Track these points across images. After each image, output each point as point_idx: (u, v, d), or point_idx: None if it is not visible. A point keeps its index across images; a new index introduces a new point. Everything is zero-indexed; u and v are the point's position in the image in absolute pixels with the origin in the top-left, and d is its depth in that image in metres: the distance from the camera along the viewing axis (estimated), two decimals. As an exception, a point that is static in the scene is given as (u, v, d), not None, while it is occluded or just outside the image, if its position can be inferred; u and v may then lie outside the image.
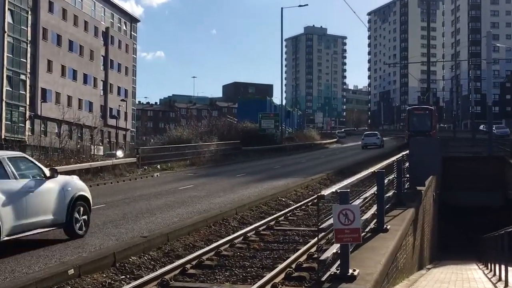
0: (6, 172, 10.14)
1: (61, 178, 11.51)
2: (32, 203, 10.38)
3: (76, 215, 11.40)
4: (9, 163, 10.33)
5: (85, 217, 11.70)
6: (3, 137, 53.58)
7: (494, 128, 49.48)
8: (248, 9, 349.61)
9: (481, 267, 19.38)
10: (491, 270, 16.02)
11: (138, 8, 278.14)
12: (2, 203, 9.68)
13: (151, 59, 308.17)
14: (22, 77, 58.80)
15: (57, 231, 11.47)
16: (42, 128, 62.96)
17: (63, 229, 11.35)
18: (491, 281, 13.79)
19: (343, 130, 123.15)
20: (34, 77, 63.01)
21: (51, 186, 10.99)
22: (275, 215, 14.96)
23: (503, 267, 12.97)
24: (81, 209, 11.59)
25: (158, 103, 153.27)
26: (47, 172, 11.10)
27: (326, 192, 6.93)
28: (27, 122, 60.05)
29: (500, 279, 13.12)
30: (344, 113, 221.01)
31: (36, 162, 11.54)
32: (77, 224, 11.43)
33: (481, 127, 75.42)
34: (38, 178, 10.86)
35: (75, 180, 12.06)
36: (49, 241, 11.20)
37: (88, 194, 11.96)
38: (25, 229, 10.26)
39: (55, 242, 11.11)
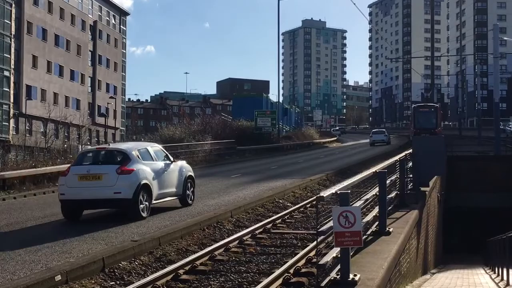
0: (151, 157, 15.32)
1: (179, 162, 16.80)
2: (166, 178, 15.50)
3: (187, 190, 16.57)
4: (152, 151, 15.63)
5: (192, 189, 16.99)
6: (-15, 136, 53.46)
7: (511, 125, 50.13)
8: (243, 2, 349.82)
9: (488, 271, 19.44)
10: (498, 275, 16.07)
11: (127, 1, 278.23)
12: (153, 177, 14.73)
13: (140, 54, 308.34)
14: (6, 73, 58.63)
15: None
16: (27, 127, 62.81)
17: (178, 199, 16.33)
18: (498, 286, 13.84)
19: (337, 127, 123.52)
20: (19, 74, 62.86)
21: (175, 167, 16.11)
22: (272, 218, 14.97)
23: (511, 271, 13.01)
24: (189, 184, 16.69)
25: (148, 101, 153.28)
26: (171, 158, 16.24)
27: (325, 193, 6.93)
28: (11, 121, 59.90)
29: (508, 284, 13.17)
30: (344, 110, 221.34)
31: (165, 151, 16.61)
32: (187, 197, 16.61)
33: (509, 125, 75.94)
34: (168, 161, 15.90)
35: (185, 164, 17.15)
36: (33, 242, 11.20)
37: (193, 174, 17.29)
38: (163, 196, 15.38)
39: (42, 246, 11.10)
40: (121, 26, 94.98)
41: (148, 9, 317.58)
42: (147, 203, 14.40)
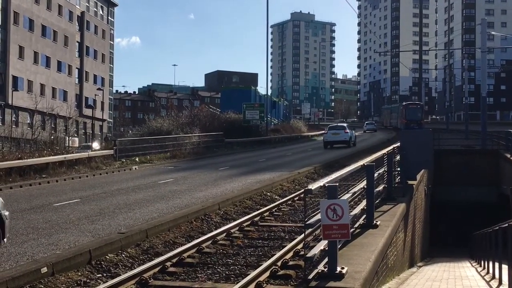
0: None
1: None
2: None
3: None
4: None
5: None
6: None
7: None
8: None
9: (474, 264, 19.57)
10: (484, 268, 16.18)
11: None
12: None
13: (125, 45, 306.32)
14: (-8, 64, 58.15)
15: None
16: (13, 118, 62.37)
17: None
18: (484, 279, 13.92)
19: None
20: (5, 64, 62.35)
21: None
22: (260, 210, 14.99)
23: (496, 264, 13.10)
24: None
25: (136, 92, 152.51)
26: None
27: (313, 186, 6.93)
28: (-3, 112, 59.45)
29: (493, 277, 13.25)
30: (333, 103, 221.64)
31: None
32: None
33: None
34: None
35: None
36: (18, 237, 11.13)
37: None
38: None
39: (28, 238, 11.03)
40: (109, 17, 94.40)
41: (133, 0, 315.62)
42: None
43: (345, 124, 65.11)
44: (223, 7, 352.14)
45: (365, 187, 10.10)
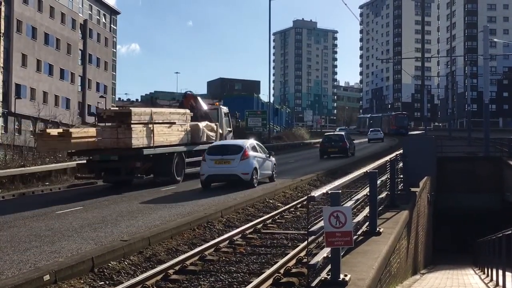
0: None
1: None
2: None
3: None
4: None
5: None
6: (-26, 135, 53.10)
7: None
8: (232, 0, 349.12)
9: (477, 272, 19.51)
10: (488, 275, 16.13)
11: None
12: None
13: (125, 53, 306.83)
14: (-5, 72, 58.28)
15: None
16: (16, 126, 62.46)
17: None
18: (488, 286, 13.89)
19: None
20: (8, 72, 62.49)
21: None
22: (262, 218, 14.96)
23: (500, 272, 13.07)
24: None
25: (139, 100, 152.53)
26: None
27: (316, 193, 6.92)
28: (0, 120, 59.55)
29: (497, 285, 13.22)
30: (335, 111, 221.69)
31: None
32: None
33: None
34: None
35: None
36: (21, 245, 11.12)
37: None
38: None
39: (31, 245, 11.02)
40: (112, 25, 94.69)
41: (131, 7, 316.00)
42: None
43: (379, 129, 66.66)
44: (222, 15, 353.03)
45: (368, 194, 10.09)
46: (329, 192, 6.98)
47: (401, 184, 14.87)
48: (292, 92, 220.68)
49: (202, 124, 26.10)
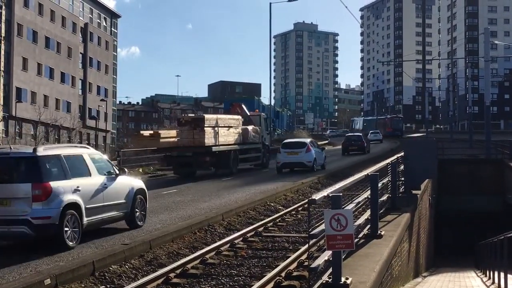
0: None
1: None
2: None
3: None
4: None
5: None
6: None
7: None
8: (223, 3, 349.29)
9: (479, 274, 19.48)
10: (490, 278, 16.10)
11: (110, 2, 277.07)
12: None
13: (125, 56, 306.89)
14: (-4, 75, 58.36)
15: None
16: (17, 130, 62.50)
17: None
18: (489, 289, 13.87)
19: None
20: (8, 76, 62.56)
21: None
22: (263, 221, 14.96)
23: (502, 274, 13.04)
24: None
25: (140, 103, 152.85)
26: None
27: (317, 196, 6.91)
28: (1, 124, 59.60)
29: (499, 287, 13.19)
30: (336, 113, 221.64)
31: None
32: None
33: None
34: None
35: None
36: (23, 246, 11.11)
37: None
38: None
39: (32, 249, 11.01)
40: (112, 29, 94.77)
41: (131, 10, 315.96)
42: None
43: (378, 130, 68.49)
44: (223, 18, 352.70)
45: (369, 197, 10.07)
46: (330, 195, 6.98)
47: (402, 187, 14.85)
48: (293, 94, 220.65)
49: (250, 128, 31.85)
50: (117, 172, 13.07)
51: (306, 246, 9.36)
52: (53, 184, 10.88)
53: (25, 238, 10.91)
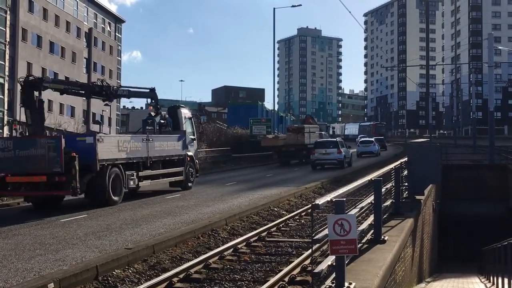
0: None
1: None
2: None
3: None
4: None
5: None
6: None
7: None
8: (225, 8, 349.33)
9: (482, 280, 19.43)
10: (493, 284, 16.07)
11: (111, 6, 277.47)
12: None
13: (127, 60, 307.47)
14: (0, 80, 58.52)
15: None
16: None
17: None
18: (493, 295, 13.83)
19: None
20: (13, 81, 62.65)
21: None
22: (267, 226, 14.95)
23: (506, 280, 13.01)
24: None
25: (144, 108, 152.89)
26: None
27: (320, 201, 6.91)
28: (5, 128, 59.71)
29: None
30: (340, 118, 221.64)
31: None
32: None
33: None
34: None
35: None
36: (25, 253, 11.13)
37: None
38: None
39: (35, 253, 11.03)
40: (116, 33, 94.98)
41: (132, 14, 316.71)
42: None
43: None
44: (226, 23, 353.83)
45: (373, 202, 10.06)
46: (334, 200, 6.97)
47: (406, 192, 14.84)
48: (296, 99, 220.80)
49: (323, 133, 48.22)
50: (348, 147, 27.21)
51: (310, 251, 9.36)
52: None
53: None
